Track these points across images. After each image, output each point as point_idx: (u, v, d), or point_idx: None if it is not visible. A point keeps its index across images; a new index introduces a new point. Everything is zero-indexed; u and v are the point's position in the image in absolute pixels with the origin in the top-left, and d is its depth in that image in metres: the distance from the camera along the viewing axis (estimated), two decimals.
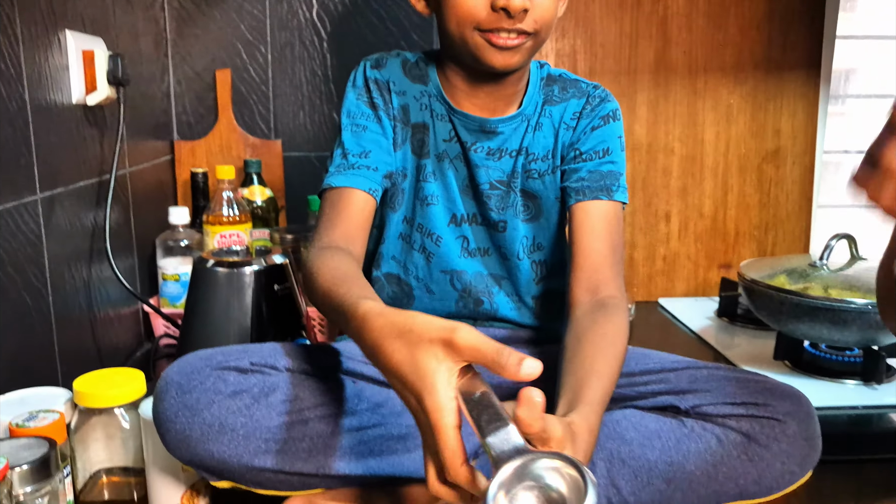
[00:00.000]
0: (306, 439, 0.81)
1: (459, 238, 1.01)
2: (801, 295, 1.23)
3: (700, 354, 1.41)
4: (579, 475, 0.52)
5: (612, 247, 0.94)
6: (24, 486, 0.75)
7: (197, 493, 0.89)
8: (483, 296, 1.01)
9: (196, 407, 0.77)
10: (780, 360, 1.32)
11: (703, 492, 0.83)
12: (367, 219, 0.93)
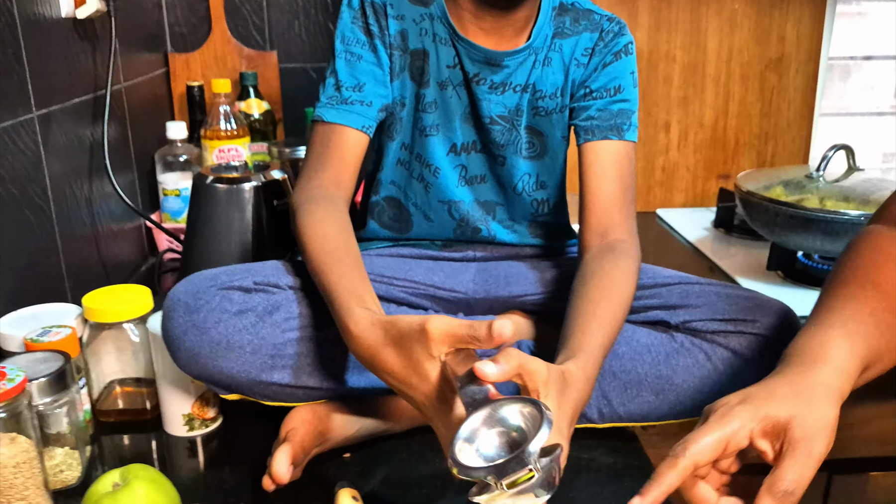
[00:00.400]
0: (311, 355, 0.84)
1: (458, 167, 0.99)
2: (795, 206, 1.24)
3: (695, 265, 1.43)
4: (537, 411, 0.55)
5: (623, 188, 0.92)
6: (42, 398, 0.78)
7: (206, 402, 0.93)
8: (480, 223, 1.01)
9: (203, 326, 0.80)
10: (773, 271, 1.34)
11: (689, 403, 0.87)
12: (358, 158, 0.92)
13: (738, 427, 0.56)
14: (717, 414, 0.57)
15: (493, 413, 0.57)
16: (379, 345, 0.66)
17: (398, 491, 0.82)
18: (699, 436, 0.56)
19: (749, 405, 0.57)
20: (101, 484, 0.70)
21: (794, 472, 0.53)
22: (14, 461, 0.72)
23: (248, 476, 0.84)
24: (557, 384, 0.64)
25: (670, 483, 0.55)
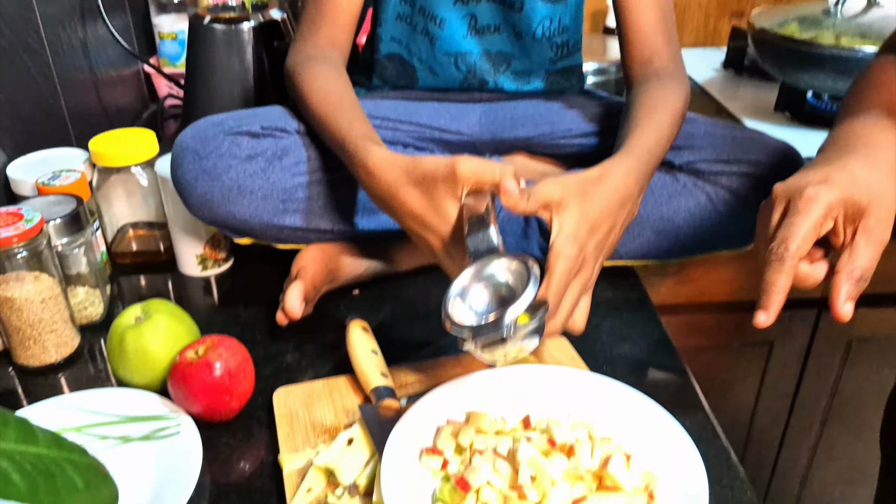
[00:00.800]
0: (321, 198, 0.85)
1: (466, 17, 0.94)
2: (808, 43, 1.21)
3: (702, 107, 1.41)
4: (526, 273, 0.58)
5: (662, 16, 0.89)
6: (60, 238, 0.81)
7: (218, 244, 0.96)
8: (488, 76, 0.98)
9: (214, 172, 0.80)
10: (780, 112, 1.33)
11: (688, 244, 0.89)
12: (353, 16, 0.89)
13: (829, 209, 0.55)
14: (804, 197, 0.55)
15: (492, 268, 0.59)
16: (399, 184, 0.67)
17: (406, 324, 0.86)
18: (795, 229, 0.54)
19: (834, 186, 0.55)
20: (125, 317, 0.73)
21: (868, 258, 0.54)
22: (41, 297, 0.76)
23: (261, 312, 0.88)
24: (575, 195, 0.64)
25: (785, 286, 0.55)
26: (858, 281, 0.54)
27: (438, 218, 0.65)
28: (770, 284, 0.55)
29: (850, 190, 0.55)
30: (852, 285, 0.54)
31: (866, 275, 0.55)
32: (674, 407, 0.65)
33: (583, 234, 0.64)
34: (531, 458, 0.58)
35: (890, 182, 0.57)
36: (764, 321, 0.55)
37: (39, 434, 0.40)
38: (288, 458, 0.65)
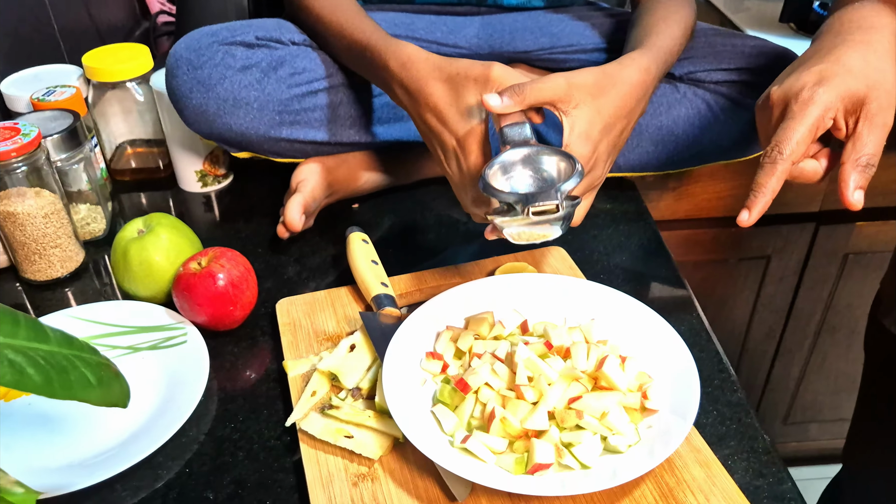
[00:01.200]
0: (318, 110, 0.84)
1: None
2: None
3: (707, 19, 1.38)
4: (570, 164, 0.59)
5: None
6: (59, 154, 0.81)
7: (217, 159, 0.95)
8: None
9: (209, 83, 0.79)
10: (785, 23, 1.30)
11: (686, 154, 0.89)
12: None
13: (825, 110, 0.55)
14: (800, 101, 0.55)
15: (531, 154, 0.60)
16: (431, 77, 0.66)
17: (405, 236, 0.87)
18: (790, 133, 0.54)
19: (830, 85, 0.55)
20: (127, 231, 0.74)
21: (872, 145, 0.54)
22: (43, 212, 0.76)
23: (262, 226, 0.89)
24: (590, 92, 0.63)
25: (774, 189, 0.55)
26: (865, 168, 0.54)
27: (459, 115, 0.65)
28: (759, 186, 0.55)
29: (847, 84, 0.55)
30: (859, 174, 0.54)
31: (872, 161, 0.54)
32: (669, 313, 0.67)
33: (596, 133, 0.63)
34: (528, 360, 0.59)
35: (887, 65, 0.56)
36: (746, 219, 0.56)
37: (50, 333, 0.42)
38: (292, 365, 0.67)
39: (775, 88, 0.58)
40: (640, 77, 0.67)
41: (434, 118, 0.67)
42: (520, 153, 0.61)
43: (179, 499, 0.58)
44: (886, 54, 0.57)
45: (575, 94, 0.62)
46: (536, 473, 0.55)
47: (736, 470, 0.58)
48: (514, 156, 0.61)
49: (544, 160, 0.60)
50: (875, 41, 0.57)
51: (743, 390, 0.66)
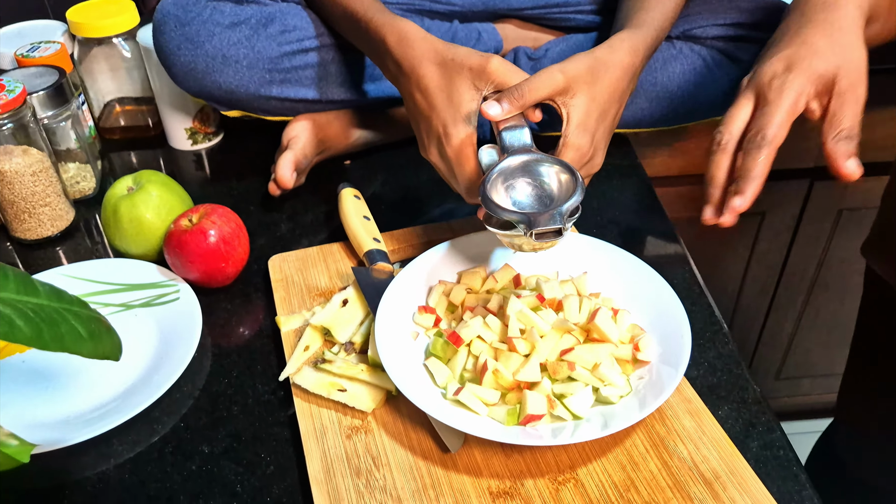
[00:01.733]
0: (308, 68, 0.83)
1: None
2: None
3: None
4: (572, 179, 0.58)
5: None
6: (45, 111, 0.80)
7: (207, 117, 0.94)
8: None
9: (197, 39, 0.78)
10: None
11: (681, 110, 0.88)
12: None
13: (798, 95, 0.55)
14: (773, 89, 0.56)
15: (530, 163, 0.59)
16: (426, 58, 0.65)
17: (396, 193, 0.86)
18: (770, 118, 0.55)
19: (799, 70, 0.56)
20: (117, 188, 0.74)
21: (848, 119, 0.55)
22: (31, 170, 0.76)
23: (254, 184, 0.88)
24: (585, 80, 0.63)
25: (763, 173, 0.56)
26: (846, 140, 0.55)
27: (449, 102, 0.63)
28: (747, 171, 0.55)
29: (815, 67, 0.55)
30: (843, 145, 0.55)
31: (851, 133, 0.55)
32: (661, 267, 0.67)
33: (593, 122, 0.63)
34: (520, 313, 0.60)
35: (853, 40, 0.57)
36: (740, 205, 0.57)
37: (39, 287, 0.41)
38: (285, 320, 0.67)
39: (746, 77, 0.59)
40: (630, 59, 0.66)
41: (423, 100, 0.65)
42: (519, 160, 0.59)
43: (176, 452, 0.59)
44: (851, 29, 0.57)
45: (572, 85, 0.62)
46: (528, 424, 0.55)
47: (726, 420, 0.59)
48: (514, 163, 0.59)
49: (544, 171, 0.59)
50: (839, 18, 0.57)
51: (734, 342, 0.66)
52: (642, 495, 0.52)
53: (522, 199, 0.58)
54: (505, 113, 0.61)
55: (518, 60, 0.89)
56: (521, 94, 0.61)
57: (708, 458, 0.54)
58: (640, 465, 0.54)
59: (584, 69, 0.63)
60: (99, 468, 0.58)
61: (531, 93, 0.61)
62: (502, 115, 0.61)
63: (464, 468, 0.55)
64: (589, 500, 0.52)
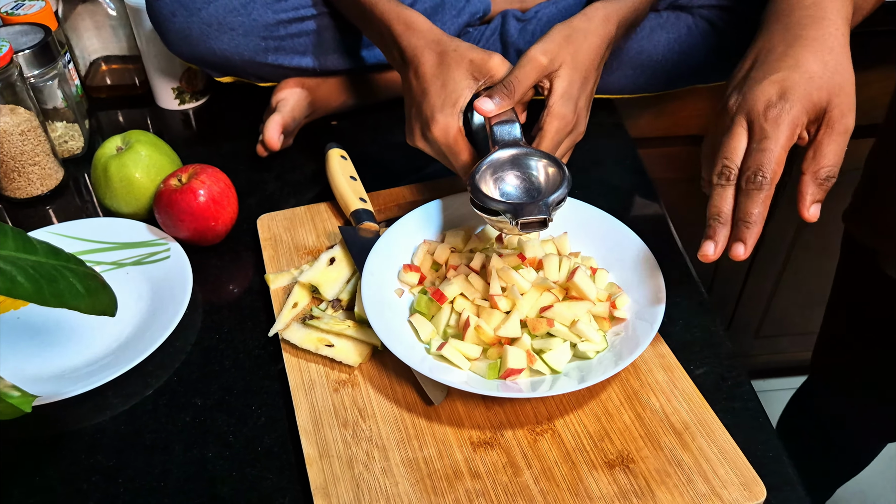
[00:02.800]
0: (303, 36, 0.83)
1: None
2: None
3: None
4: (560, 171, 0.60)
5: None
6: (32, 69, 0.80)
7: (194, 76, 0.95)
8: None
9: (192, 6, 0.78)
10: None
11: (664, 77, 0.89)
12: None
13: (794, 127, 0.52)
14: (769, 120, 0.52)
15: (519, 156, 0.61)
16: (427, 47, 0.66)
17: (383, 152, 0.88)
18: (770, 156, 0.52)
19: (795, 99, 0.52)
20: (106, 148, 0.74)
21: (833, 155, 0.53)
22: (19, 129, 0.76)
23: (242, 144, 0.89)
24: (566, 51, 0.64)
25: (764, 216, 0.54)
26: (825, 181, 0.54)
27: (442, 89, 0.64)
28: (748, 215, 0.53)
29: (809, 94, 0.53)
30: (818, 187, 0.54)
31: (832, 173, 0.53)
32: (641, 227, 0.69)
33: (576, 90, 0.65)
34: (502, 271, 0.62)
35: (844, 63, 0.54)
36: (742, 253, 0.54)
37: (37, 244, 0.43)
38: (274, 278, 0.68)
39: (733, 99, 0.55)
40: (605, 28, 0.67)
41: (418, 85, 0.66)
42: (509, 153, 0.62)
43: (170, 404, 0.61)
44: (842, 49, 0.54)
45: (554, 59, 0.63)
46: (509, 378, 0.58)
47: (698, 374, 0.61)
48: (504, 156, 0.62)
49: (533, 164, 0.61)
50: (829, 36, 0.55)
51: (709, 301, 0.69)
52: (616, 445, 0.55)
53: (510, 190, 0.61)
54: (497, 108, 0.63)
55: (507, 23, 0.90)
56: (510, 88, 0.63)
57: (678, 410, 0.57)
58: (615, 416, 0.57)
59: (562, 41, 0.64)
60: (95, 420, 0.60)
61: (520, 84, 0.63)
62: (495, 111, 0.63)
63: (446, 419, 0.57)
64: (565, 449, 0.55)
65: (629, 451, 0.55)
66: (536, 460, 0.54)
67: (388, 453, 0.55)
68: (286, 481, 0.55)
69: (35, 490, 0.55)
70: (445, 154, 0.66)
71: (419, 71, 0.66)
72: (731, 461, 0.54)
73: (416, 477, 0.53)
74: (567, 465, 0.54)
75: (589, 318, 0.61)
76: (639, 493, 0.52)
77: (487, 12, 0.94)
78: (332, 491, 0.53)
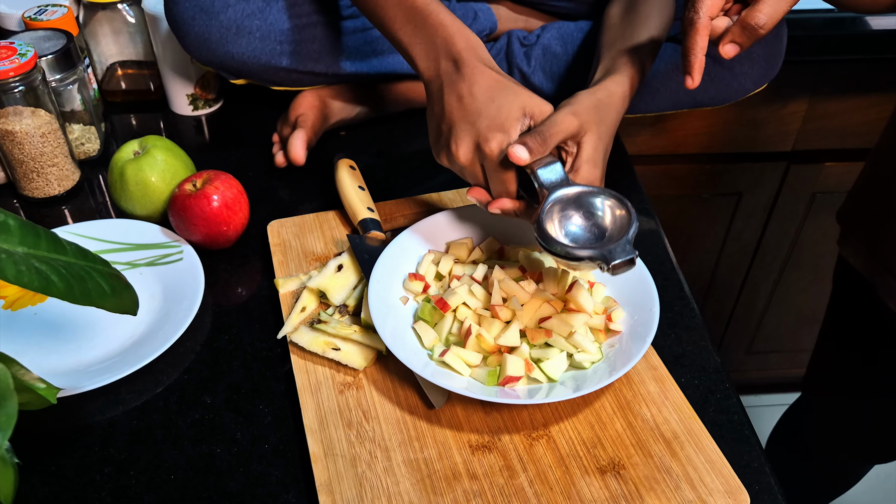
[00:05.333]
0: (316, 41, 0.86)
1: None
2: None
3: None
4: (626, 212, 0.59)
5: None
6: (54, 74, 0.83)
7: (208, 83, 0.97)
8: None
9: (211, 10, 0.81)
10: None
11: (662, 103, 0.91)
12: None
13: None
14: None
15: (582, 195, 0.61)
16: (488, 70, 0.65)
17: (391, 163, 0.90)
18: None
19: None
20: (124, 152, 0.77)
21: (770, 7, 0.58)
22: (40, 131, 0.79)
23: (253, 151, 0.92)
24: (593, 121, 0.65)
25: (702, 46, 0.60)
26: (753, 29, 0.59)
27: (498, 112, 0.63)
28: (688, 49, 0.60)
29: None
30: (743, 31, 0.59)
31: (761, 22, 0.58)
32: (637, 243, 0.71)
33: (600, 157, 0.65)
34: (504, 282, 0.64)
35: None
36: (691, 84, 0.61)
37: (67, 245, 0.45)
38: (283, 282, 0.71)
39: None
40: (623, 106, 0.69)
41: (471, 102, 0.63)
42: (574, 191, 0.60)
43: (179, 401, 0.63)
44: None
45: (583, 125, 0.63)
46: (507, 385, 0.60)
47: (688, 386, 0.64)
48: (569, 193, 0.60)
49: (598, 202, 0.60)
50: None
51: (700, 316, 0.71)
52: (608, 451, 0.58)
53: (575, 230, 0.60)
54: (533, 156, 0.61)
55: (511, 45, 0.93)
56: (543, 138, 0.62)
57: (668, 420, 0.60)
58: (607, 424, 0.60)
59: (590, 108, 0.65)
60: (109, 414, 0.62)
61: (552, 137, 0.62)
62: (530, 159, 0.61)
63: (447, 423, 0.60)
64: (559, 454, 0.58)
65: (620, 457, 0.57)
66: (532, 464, 0.57)
67: (390, 454, 0.57)
68: (291, 478, 0.58)
69: (51, 479, 0.58)
70: (493, 176, 0.64)
71: (475, 89, 0.64)
72: (717, 470, 0.56)
73: (417, 477, 0.56)
74: (561, 469, 0.57)
75: (585, 330, 0.64)
76: (629, 498, 0.55)
77: (494, 30, 0.97)
78: (335, 488, 0.55)
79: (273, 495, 0.57)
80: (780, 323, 1.55)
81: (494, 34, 0.97)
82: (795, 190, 1.32)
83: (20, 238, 0.42)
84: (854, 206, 0.88)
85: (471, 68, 0.64)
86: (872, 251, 0.82)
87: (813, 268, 1.44)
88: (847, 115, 1.22)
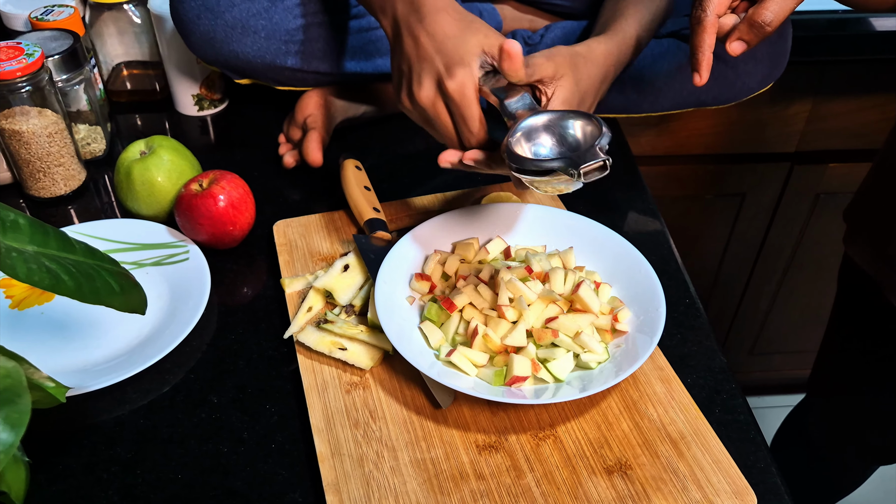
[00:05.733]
0: (321, 40, 0.86)
1: None
2: None
3: None
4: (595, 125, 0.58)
5: None
6: (60, 74, 0.83)
7: (213, 84, 0.97)
8: None
9: (217, 9, 0.81)
10: None
11: (666, 103, 0.92)
12: None
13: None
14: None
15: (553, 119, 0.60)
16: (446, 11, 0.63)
17: (396, 164, 0.90)
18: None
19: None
20: (130, 151, 0.77)
21: (777, 5, 0.59)
22: (47, 131, 0.79)
23: (258, 151, 0.92)
24: (569, 66, 0.65)
25: (709, 44, 0.61)
26: (761, 25, 0.59)
27: (456, 49, 0.62)
28: (696, 46, 0.61)
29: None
30: (750, 29, 0.60)
31: (767, 19, 0.59)
32: (642, 243, 0.71)
33: (574, 102, 0.66)
34: (510, 283, 0.64)
35: None
36: (699, 81, 0.62)
37: (76, 244, 0.46)
38: (289, 282, 0.71)
39: None
40: (603, 60, 0.69)
41: (429, 42, 0.63)
42: (544, 117, 0.59)
43: (186, 401, 0.64)
44: None
45: (558, 69, 0.64)
46: (514, 385, 0.60)
47: (694, 387, 0.64)
48: (538, 121, 0.59)
49: (568, 123, 0.59)
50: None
51: (706, 316, 0.72)
52: (614, 451, 0.58)
53: (546, 152, 0.59)
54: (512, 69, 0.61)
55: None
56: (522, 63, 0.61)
57: (675, 421, 0.60)
58: (614, 424, 0.60)
59: (567, 57, 0.66)
60: (115, 413, 0.63)
61: (529, 68, 0.62)
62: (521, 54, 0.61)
63: (453, 423, 0.60)
64: (566, 454, 0.58)
65: (627, 458, 0.57)
66: (538, 464, 0.57)
67: (397, 453, 0.58)
68: (297, 477, 0.58)
69: (58, 477, 0.58)
70: (458, 114, 0.62)
71: (433, 29, 0.63)
72: (724, 470, 0.56)
73: (424, 477, 0.56)
74: (567, 469, 0.57)
75: (592, 330, 0.64)
76: (636, 498, 0.55)
77: (499, 29, 0.97)
78: (342, 487, 0.55)
79: (280, 494, 0.57)
80: (784, 324, 1.55)
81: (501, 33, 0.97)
82: (799, 191, 1.32)
83: (30, 237, 0.42)
84: (861, 204, 0.88)
85: (427, 8, 0.64)
86: (879, 250, 0.82)
87: (817, 269, 1.44)
88: (851, 116, 1.22)
